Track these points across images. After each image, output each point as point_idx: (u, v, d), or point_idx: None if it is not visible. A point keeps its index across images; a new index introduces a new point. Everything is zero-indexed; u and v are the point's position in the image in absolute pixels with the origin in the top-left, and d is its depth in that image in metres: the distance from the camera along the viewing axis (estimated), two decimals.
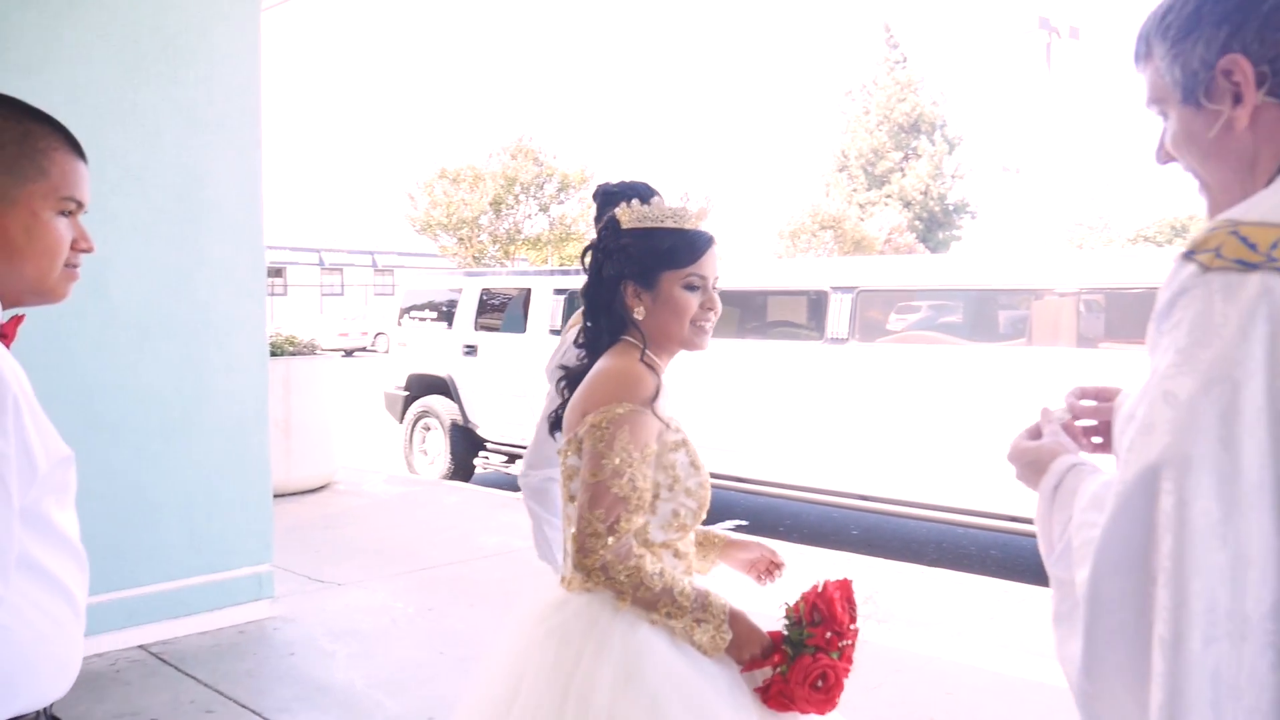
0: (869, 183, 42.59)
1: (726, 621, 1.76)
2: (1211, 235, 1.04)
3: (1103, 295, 5.98)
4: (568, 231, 29.22)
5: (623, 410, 1.78)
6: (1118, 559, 1.03)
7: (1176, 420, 0.99)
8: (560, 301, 8.64)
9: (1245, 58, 1.13)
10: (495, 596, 5.38)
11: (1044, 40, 21.13)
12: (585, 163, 30.82)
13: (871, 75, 43.70)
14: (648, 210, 1.93)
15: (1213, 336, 0.99)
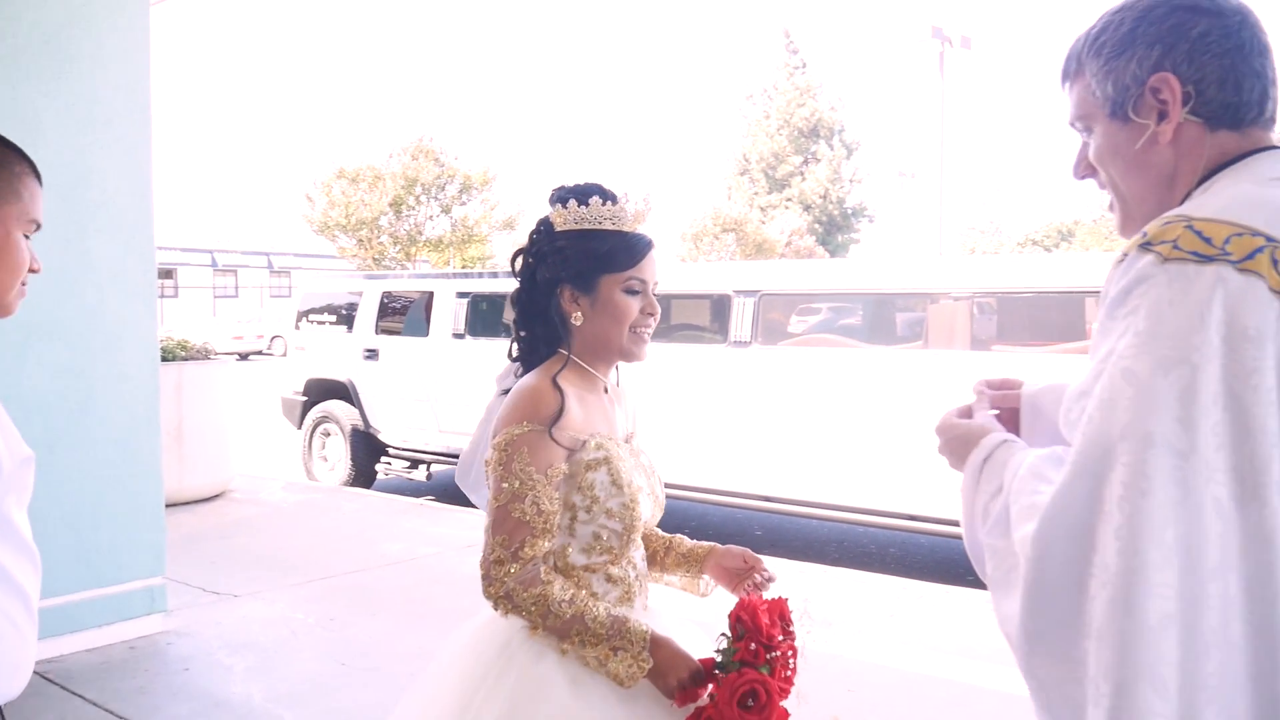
0: (770, 186, 43.12)
1: (646, 649, 1.65)
2: (1168, 229, 1.09)
3: (995, 299, 6.16)
4: (470, 233, 28.91)
5: (521, 431, 1.72)
6: (1068, 524, 1.08)
7: (1137, 398, 1.04)
8: (464, 305, 8.56)
9: (1175, 76, 1.20)
10: (399, 605, 5.30)
11: (937, 49, 21.71)
12: (488, 164, 30.57)
13: (772, 80, 44.26)
14: (585, 211, 1.83)
15: (1171, 322, 1.04)
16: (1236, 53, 1.20)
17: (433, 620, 5.04)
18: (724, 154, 44.76)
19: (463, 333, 8.54)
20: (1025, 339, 6.09)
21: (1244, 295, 1.03)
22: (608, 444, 1.79)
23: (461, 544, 6.63)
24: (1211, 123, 1.21)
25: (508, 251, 31.39)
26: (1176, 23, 1.21)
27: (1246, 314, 1.02)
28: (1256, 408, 1.01)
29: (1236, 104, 1.20)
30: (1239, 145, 1.22)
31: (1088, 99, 1.30)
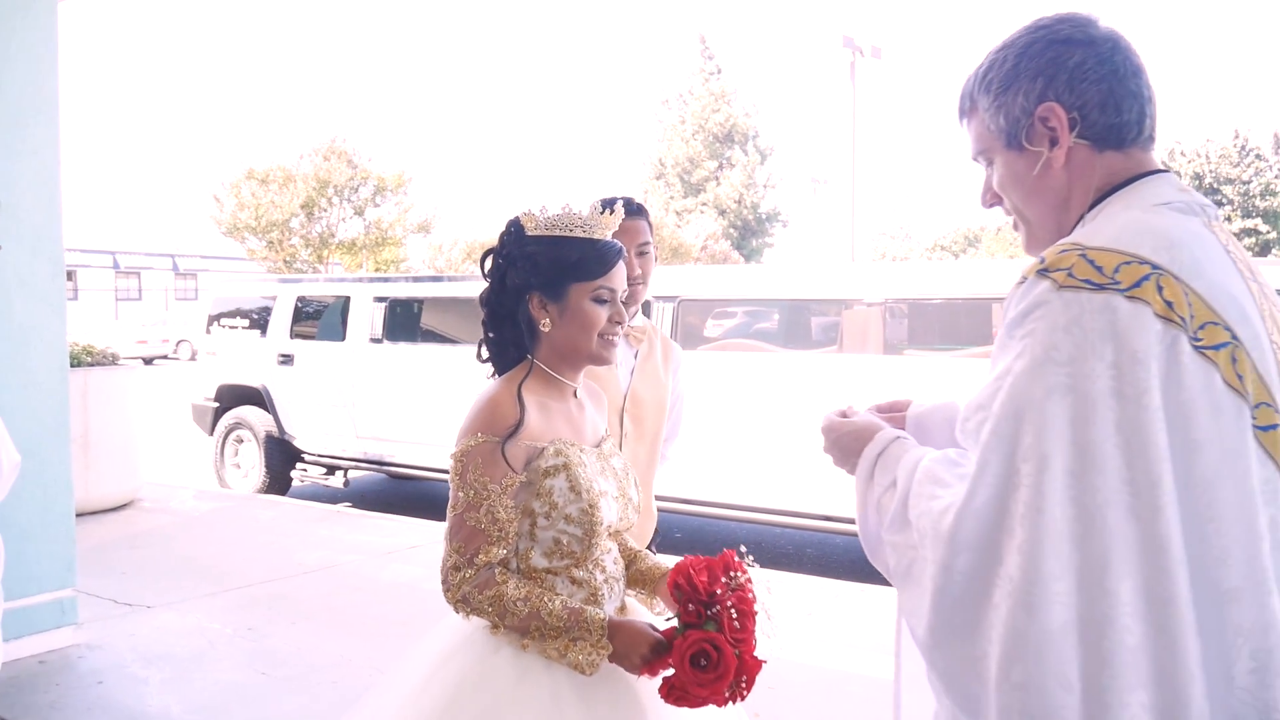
0: (685, 190, 43.45)
1: (604, 635, 1.71)
2: (1063, 256, 1.18)
3: (907, 304, 6.34)
4: (384, 236, 28.54)
5: (474, 442, 1.77)
6: (975, 538, 1.16)
7: (1033, 421, 1.12)
8: (381, 309, 8.48)
9: (1059, 105, 1.31)
10: (320, 614, 5.24)
11: (848, 58, 22.14)
12: (403, 166, 30.23)
13: (687, 85, 44.62)
14: (556, 217, 1.86)
15: (1065, 347, 1.13)
16: (1112, 77, 1.30)
17: (355, 628, 5.01)
18: (640, 158, 44.98)
19: (381, 338, 8.47)
20: (936, 343, 6.28)
21: (1132, 321, 1.11)
22: (568, 450, 1.83)
23: (381, 551, 6.58)
24: (1098, 144, 1.31)
25: (422, 255, 31.20)
26: (1054, 55, 1.31)
27: (1134, 339, 1.11)
28: (1146, 426, 1.09)
29: (1118, 125, 1.31)
30: (1125, 166, 1.32)
31: (985, 133, 1.40)
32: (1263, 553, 1.11)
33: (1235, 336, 1.15)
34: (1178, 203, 1.26)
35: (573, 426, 1.89)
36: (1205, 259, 1.19)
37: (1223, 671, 1.09)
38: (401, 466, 8.39)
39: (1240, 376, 1.14)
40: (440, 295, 8.47)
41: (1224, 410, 1.12)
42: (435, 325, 8.44)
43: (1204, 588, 1.09)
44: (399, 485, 9.96)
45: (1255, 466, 1.13)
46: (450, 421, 7.79)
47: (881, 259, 47.71)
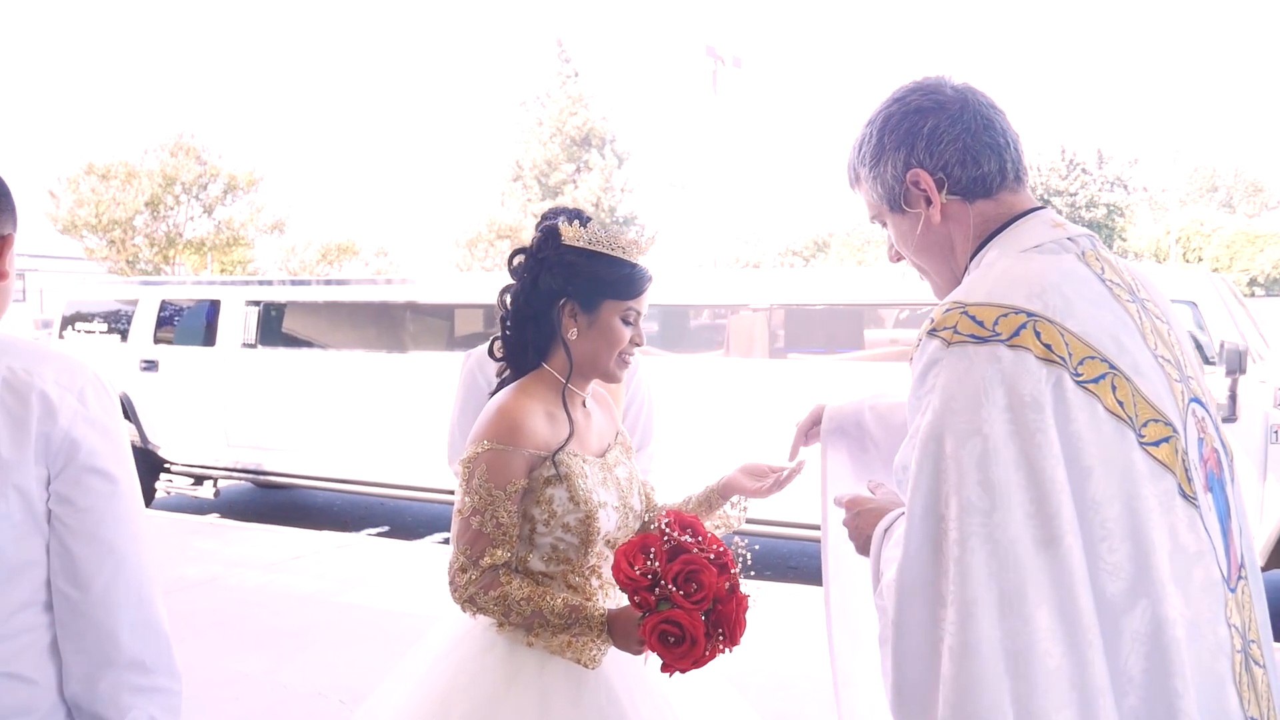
0: (543, 193, 43.35)
1: (604, 629, 1.76)
2: (948, 316, 1.30)
3: (792, 310, 6.56)
4: (235, 236, 27.51)
5: (482, 449, 1.81)
6: (915, 587, 1.25)
7: (947, 469, 1.23)
8: (254, 313, 8.23)
9: (923, 170, 1.46)
10: (209, 630, 5.07)
11: (710, 67, 22.58)
12: (255, 163, 29.22)
13: (545, 88, 44.56)
14: (599, 233, 1.89)
15: (961, 399, 1.24)
16: (966, 134, 1.44)
17: (249, 643, 4.88)
18: (497, 160, 44.63)
19: (254, 342, 8.22)
20: (818, 347, 6.52)
21: (1016, 367, 1.23)
22: (570, 461, 1.87)
23: (265, 562, 6.41)
24: (967, 196, 1.46)
25: (275, 256, 30.20)
26: (910, 126, 1.46)
27: (1021, 382, 1.23)
28: (1043, 462, 1.21)
29: (980, 176, 1.45)
30: (998, 211, 1.46)
31: (873, 201, 1.56)
32: (1156, 562, 1.21)
33: (1113, 366, 1.27)
34: (1048, 244, 1.39)
35: (579, 436, 1.93)
36: (1076, 296, 1.30)
37: (1122, 674, 1.20)
38: (278, 475, 8.17)
39: (1120, 403, 1.26)
40: (317, 300, 8.29)
41: (1108, 436, 1.24)
42: (312, 330, 8.25)
43: (1101, 602, 1.20)
44: (270, 495, 9.68)
45: (1146, 481, 1.24)
46: (330, 428, 7.65)
47: (735, 263, 48.73)
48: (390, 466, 7.55)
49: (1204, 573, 1.25)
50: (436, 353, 7.54)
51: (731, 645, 1.73)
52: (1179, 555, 1.24)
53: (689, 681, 1.89)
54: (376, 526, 8.33)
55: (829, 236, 50.00)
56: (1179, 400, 1.32)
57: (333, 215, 46.29)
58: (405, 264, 35.25)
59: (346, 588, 5.91)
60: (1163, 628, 1.20)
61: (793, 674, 4.44)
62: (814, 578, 6.73)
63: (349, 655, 4.71)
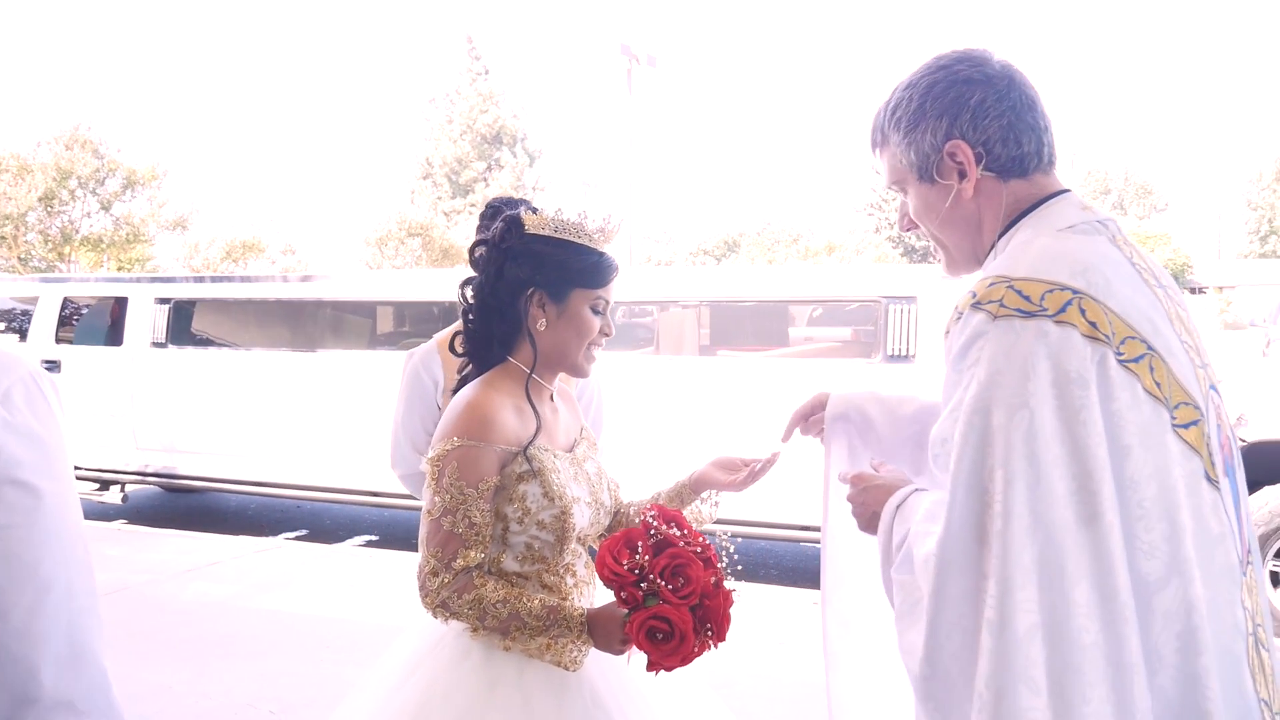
0: (454, 191, 42.93)
1: (584, 630, 1.71)
2: (992, 289, 1.29)
3: (717, 307, 6.56)
4: (136, 233, 26.56)
5: (451, 446, 1.73)
6: (956, 559, 1.24)
7: (993, 443, 1.22)
8: (165, 311, 7.93)
9: (965, 142, 1.43)
10: (122, 641, 4.84)
11: (625, 66, 22.55)
12: (156, 158, 28.18)
13: (455, 85, 44.10)
14: (563, 221, 1.83)
15: (1007, 372, 1.23)
16: (1011, 113, 1.43)
17: (168, 653, 4.68)
18: (406, 157, 44.04)
19: (164, 341, 7.91)
20: (745, 344, 6.53)
21: (1063, 343, 1.23)
22: (542, 456, 1.81)
23: (180, 569, 6.17)
24: (1003, 175, 1.44)
25: (177, 254, 29.28)
26: (956, 95, 1.44)
27: (1067, 359, 1.23)
28: (1088, 439, 1.21)
29: (1020, 156, 1.44)
30: (1030, 192, 1.45)
31: (898, 166, 1.52)
32: (1185, 543, 1.23)
33: (1151, 347, 1.28)
34: (1081, 225, 1.39)
35: (547, 430, 1.87)
36: (1115, 277, 1.32)
37: (1154, 653, 1.21)
38: (191, 479, 7.89)
39: (1158, 384, 1.27)
40: (232, 297, 8.02)
41: (1147, 416, 1.25)
42: (226, 329, 7.99)
43: (1136, 580, 1.21)
44: (180, 499, 9.36)
45: (1177, 463, 1.26)
46: (246, 429, 7.43)
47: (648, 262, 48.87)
48: (309, 468, 7.35)
49: (1224, 556, 1.27)
50: (358, 351, 7.37)
51: (718, 641, 1.69)
52: (1203, 537, 1.25)
53: (670, 683, 1.85)
54: (295, 530, 8.11)
55: (739, 236, 50.45)
56: (1201, 385, 1.33)
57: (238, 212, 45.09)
58: (313, 262, 34.52)
59: (269, 593, 5.72)
60: (1193, 607, 1.21)
61: (763, 675, 4.43)
62: (787, 577, 6.77)
63: (277, 663, 4.55)
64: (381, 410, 7.20)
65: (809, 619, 5.26)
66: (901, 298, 6.01)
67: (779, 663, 4.58)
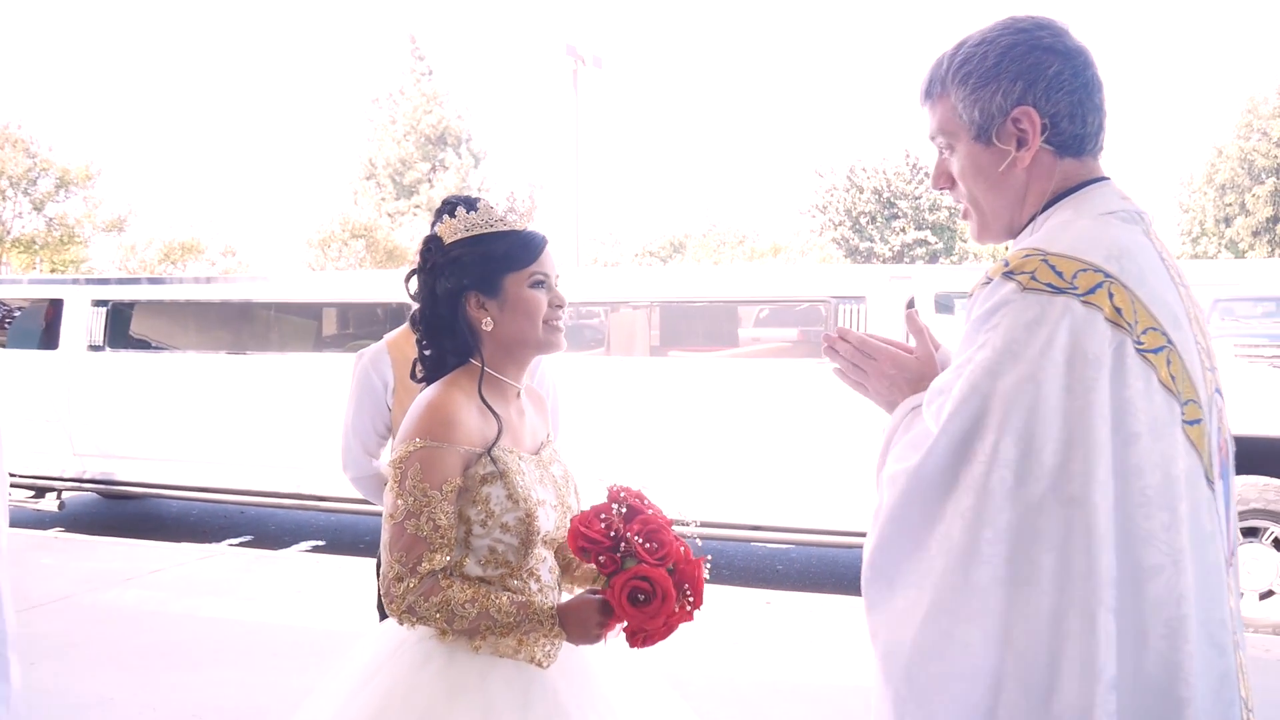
0: (398, 192, 42.47)
1: (556, 623, 1.69)
2: (1027, 261, 1.29)
3: (668, 308, 6.55)
4: (70, 234, 25.93)
5: (414, 447, 1.70)
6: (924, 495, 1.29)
7: (990, 407, 1.24)
8: (102, 314, 7.74)
9: (1035, 110, 1.40)
10: (61, 651, 4.71)
11: (570, 67, 22.49)
12: (91, 157, 27.52)
13: (398, 85, 43.67)
14: (475, 217, 1.81)
15: (1024, 343, 1.24)
16: (1083, 90, 1.41)
17: (111, 663, 4.56)
18: (349, 158, 43.51)
19: (101, 345, 7.73)
20: (698, 345, 6.54)
21: (1086, 324, 1.24)
22: (506, 458, 1.78)
23: (120, 578, 6.02)
24: (1060, 151, 1.43)
25: (112, 255, 28.66)
26: (1035, 61, 1.40)
27: (1086, 340, 1.23)
28: (1091, 421, 1.22)
29: (1082, 135, 1.43)
30: (1078, 173, 1.44)
31: (952, 120, 1.47)
32: (1181, 535, 1.25)
33: (1170, 341, 1.29)
34: (1121, 212, 1.39)
35: (511, 432, 1.84)
36: (1148, 268, 1.33)
37: (1139, 636, 1.23)
38: (131, 485, 7.71)
39: (1173, 377, 1.28)
40: (171, 299, 7.85)
41: (1158, 406, 1.26)
42: (166, 331, 7.83)
43: (1128, 565, 1.22)
44: (119, 506, 9.15)
45: (1182, 457, 1.27)
46: (188, 434, 7.29)
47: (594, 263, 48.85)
48: (253, 473, 7.22)
49: (1215, 554, 1.29)
50: (302, 354, 7.26)
51: (696, 605, 1.69)
52: (1198, 533, 1.27)
53: (635, 686, 1.83)
54: (239, 536, 7.96)
55: (685, 237, 50.55)
56: (1207, 387, 1.35)
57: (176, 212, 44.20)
58: (254, 264, 33.97)
59: (213, 601, 5.60)
60: (1184, 597, 1.23)
61: (718, 676, 4.42)
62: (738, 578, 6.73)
63: (223, 673, 4.46)
64: (327, 413, 7.07)
65: (761, 618, 5.28)
66: (850, 297, 6.05)
67: (733, 662, 4.58)
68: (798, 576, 6.82)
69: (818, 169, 44.41)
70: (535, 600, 1.72)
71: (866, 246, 41.20)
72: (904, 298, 6.06)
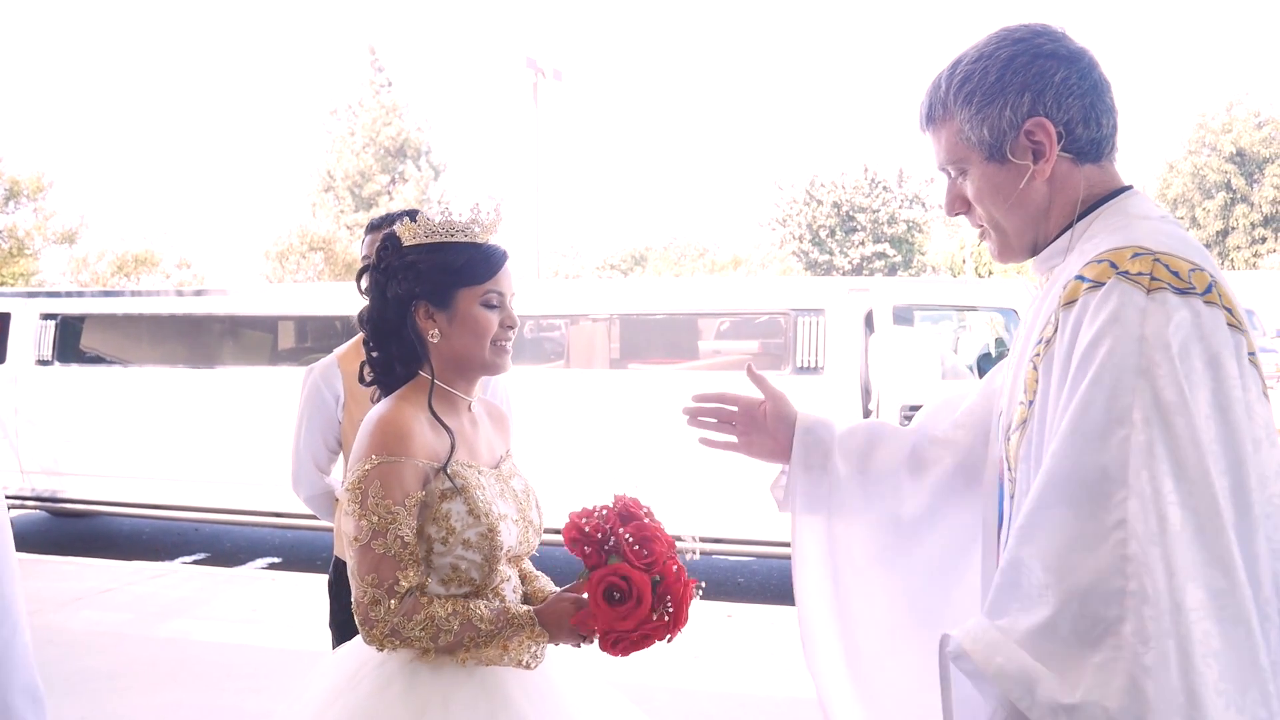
0: (356, 204, 42.17)
1: (536, 623, 1.66)
2: (1137, 261, 1.21)
3: (628, 321, 6.54)
4: (21, 246, 25.42)
5: (371, 465, 1.65)
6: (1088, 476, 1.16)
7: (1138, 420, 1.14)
8: (50, 327, 7.59)
9: (1048, 119, 1.34)
10: None
11: (531, 79, 22.47)
12: (42, 168, 27.02)
13: (357, 96, 43.45)
14: (436, 224, 1.75)
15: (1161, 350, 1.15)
16: (1093, 92, 1.36)
17: (57, 687, 4.43)
18: (307, 169, 43.15)
19: (50, 359, 7.58)
20: (658, 357, 6.53)
21: (1214, 325, 1.17)
22: (466, 472, 1.74)
23: (68, 597, 5.88)
24: (1080, 158, 1.37)
25: (64, 267, 28.16)
26: (1040, 70, 1.34)
27: (1215, 341, 1.17)
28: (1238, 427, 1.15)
29: (1098, 139, 1.37)
30: (1103, 180, 1.38)
31: (960, 144, 1.41)
32: None
33: (1255, 348, 1.23)
34: (1168, 217, 1.34)
35: (467, 445, 1.80)
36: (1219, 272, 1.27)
37: None
38: (80, 502, 7.55)
39: (1266, 381, 1.24)
40: (122, 312, 7.72)
41: (1269, 412, 1.21)
42: (117, 345, 7.69)
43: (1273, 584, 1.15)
44: (69, 524, 8.95)
45: None
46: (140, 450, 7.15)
47: (554, 276, 48.79)
48: (207, 489, 7.10)
49: None
50: (257, 368, 7.17)
51: (675, 628, 1.65)
52: None
53: (602, 706, 1.80)
54: (193, 554, 7.82)
55: (646, 250, 50.64)
56: None
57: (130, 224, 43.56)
58: (210, 276, 33.54)
59: (165, 621, 5.49)
60: None
61: (679, 689, 4.39)
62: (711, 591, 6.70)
63: (175, 695, 4.36)
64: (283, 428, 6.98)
65: (721, 631, 5.26)
66: (810, 310, 6.07)
67: (694, 675, 4.55)
68: (759, 589, 6.81)
69: (778, 182, 44.76)
70: (511, 606, 1.69)
71: (826, 259, 41.44)
72: (862, 310, 6.09)
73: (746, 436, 1.83)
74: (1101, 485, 1.14)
